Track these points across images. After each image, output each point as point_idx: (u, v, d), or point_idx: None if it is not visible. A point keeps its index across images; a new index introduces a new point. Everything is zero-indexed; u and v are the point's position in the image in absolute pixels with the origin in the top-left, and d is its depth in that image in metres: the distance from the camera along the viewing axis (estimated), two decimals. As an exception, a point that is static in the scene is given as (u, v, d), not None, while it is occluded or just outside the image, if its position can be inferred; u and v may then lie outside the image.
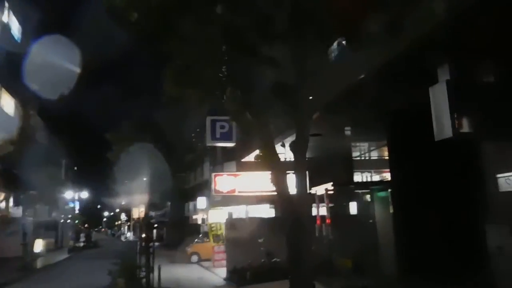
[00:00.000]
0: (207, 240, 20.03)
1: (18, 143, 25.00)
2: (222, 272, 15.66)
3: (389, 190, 11.94)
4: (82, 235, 42.04)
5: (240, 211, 20.25)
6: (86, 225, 49.91)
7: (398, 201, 11.30)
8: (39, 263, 24.45)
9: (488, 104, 7.30)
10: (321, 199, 13.57)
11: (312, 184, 14.77)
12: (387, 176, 12.33)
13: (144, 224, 13.68)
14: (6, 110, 28.43)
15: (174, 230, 36.50)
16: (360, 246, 12.09)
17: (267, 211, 17.95)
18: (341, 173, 14.12)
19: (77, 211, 47.02)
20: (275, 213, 17.43)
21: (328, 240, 12.64)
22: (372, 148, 12.86)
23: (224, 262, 15.60)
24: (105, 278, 11.72)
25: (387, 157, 12.58)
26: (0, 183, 22.00)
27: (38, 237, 30.39)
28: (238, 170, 17.63)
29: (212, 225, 18.15)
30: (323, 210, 13.61)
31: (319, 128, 11.03)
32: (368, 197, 13.41)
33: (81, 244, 38.75)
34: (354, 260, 12.26)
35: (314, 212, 14.69)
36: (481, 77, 8.10)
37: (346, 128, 13.07)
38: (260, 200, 17.33)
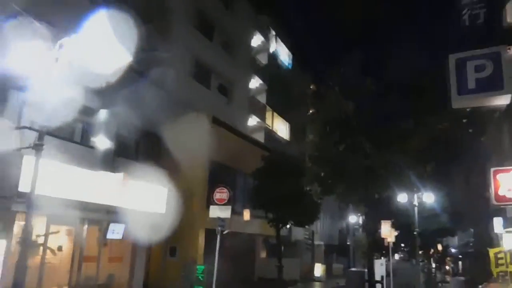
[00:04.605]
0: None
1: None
2: None
3: None
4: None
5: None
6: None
7: None
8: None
9: None
10: None
11: None
12: None
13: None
14: (281, 134, 29.53)
15: (478, 262, 27.47)
16: None
17: None
18: None
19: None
20: None
21: None
22: None
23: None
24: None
25: None
26: None
27: (320, 262, 30.01)
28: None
29: (499, 256, 10.53)
30: None
31: None
32: None
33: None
34: None
35: None
36: None
37: None
38: None
